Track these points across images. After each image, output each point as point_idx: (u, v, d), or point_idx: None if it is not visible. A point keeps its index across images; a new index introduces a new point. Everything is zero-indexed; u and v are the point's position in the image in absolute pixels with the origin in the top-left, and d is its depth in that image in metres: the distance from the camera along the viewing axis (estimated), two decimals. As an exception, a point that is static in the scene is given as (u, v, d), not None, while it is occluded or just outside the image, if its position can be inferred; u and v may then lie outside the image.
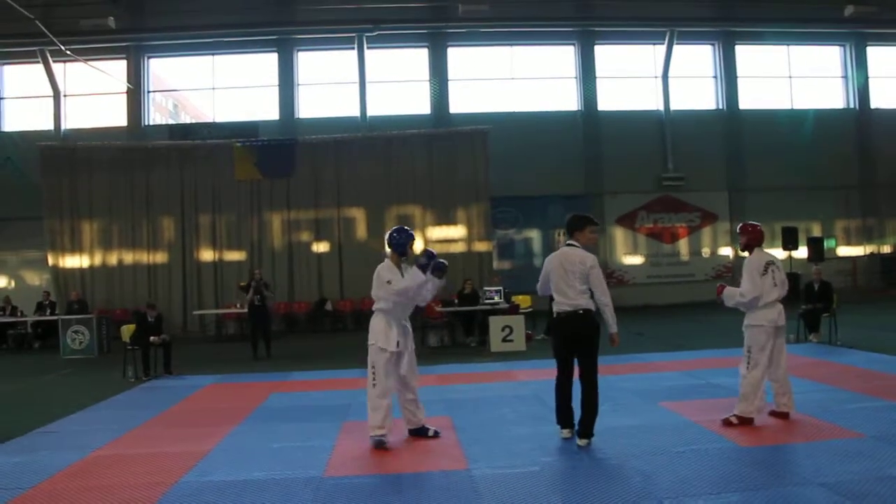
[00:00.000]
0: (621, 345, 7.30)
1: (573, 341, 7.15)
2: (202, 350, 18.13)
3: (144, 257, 22.67)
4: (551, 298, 7.34)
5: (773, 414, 7.91)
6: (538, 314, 17.85)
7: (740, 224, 8.36)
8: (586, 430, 7.01)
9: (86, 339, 17.46)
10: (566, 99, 26.48)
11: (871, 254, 27.23)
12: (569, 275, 7.09)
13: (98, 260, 22.69)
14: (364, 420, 7.61)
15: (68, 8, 22.53)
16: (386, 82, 25.65)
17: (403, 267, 7.62)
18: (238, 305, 19.54)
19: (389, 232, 7.81)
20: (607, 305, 7.13)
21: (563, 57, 26.68)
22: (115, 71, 24.82)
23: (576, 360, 7.20)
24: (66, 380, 13.91)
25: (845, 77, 27.93)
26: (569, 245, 7.31)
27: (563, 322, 7.16)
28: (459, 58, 26.16)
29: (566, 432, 7.35)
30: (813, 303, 14.42)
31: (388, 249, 7.74)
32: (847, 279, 25.74)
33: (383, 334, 7.45)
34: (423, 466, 6.81)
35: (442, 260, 7.78)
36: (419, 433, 7.76)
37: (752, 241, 8.00)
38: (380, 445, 7.36)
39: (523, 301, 17.94)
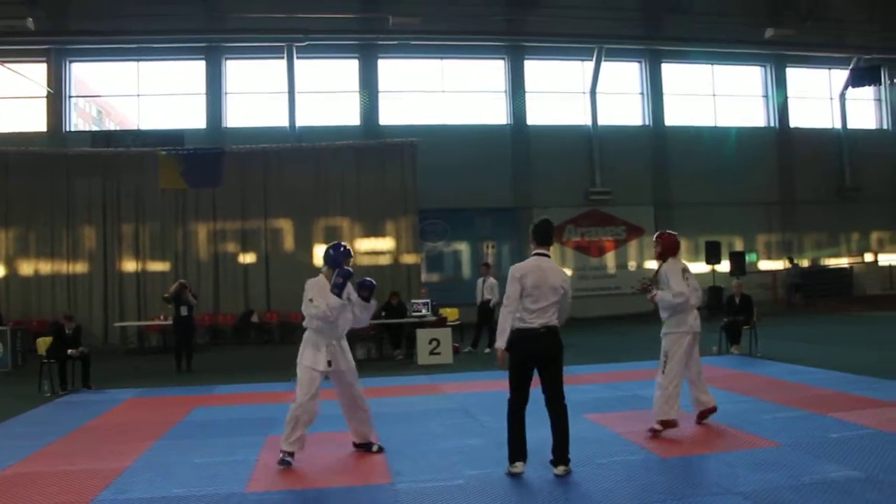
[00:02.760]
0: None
1: (539, 361, 6.60)
2: (123, 363, 17.65)
3: (63, 267, 21.94)
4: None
5: (703, 414, 8.13)
6: (465, 327, 17.94)
7: (657, 233, 8.56)
8: (563, 455, 6.50)
9: (-1, 352, 16.84)
10: (496, 113, 26.69)
11: (791, 268, 28.03)
12: (548, 289, 6.58)
13: (13, 269, 21.90)
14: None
15: (-17, 8, 21.83)
16: (315, 93, 25.48)
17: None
18: (163, 317, 19.13)
19: (327, 247, 7.65)
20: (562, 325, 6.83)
21: (492, 71, 26.90)
22: (34, 74, 24.08)
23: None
24: (-23, 394, 13.39)
25: (766, 96, 28.86)
26: (543, 255, 6.83)
27: (533, 339, 6.54)
28: (390, 70, 26.15)
29: (519, 466, 6.58)
30: (734, 315, 14.79)
31: (324, 266, 7.57)
32: (767, 292, 26.45)
33: (311, 354, 7.35)
34: (346, 481, 6.77)
35: (368, 279, 7.63)
36: (365, 448, 7.66)
37: (667, 250, 8.22)
38: (284, 465, 7.14)
39: (451, 314, 17.98)
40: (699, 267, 25.47)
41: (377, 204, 22.90)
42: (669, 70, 27.85)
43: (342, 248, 7.52)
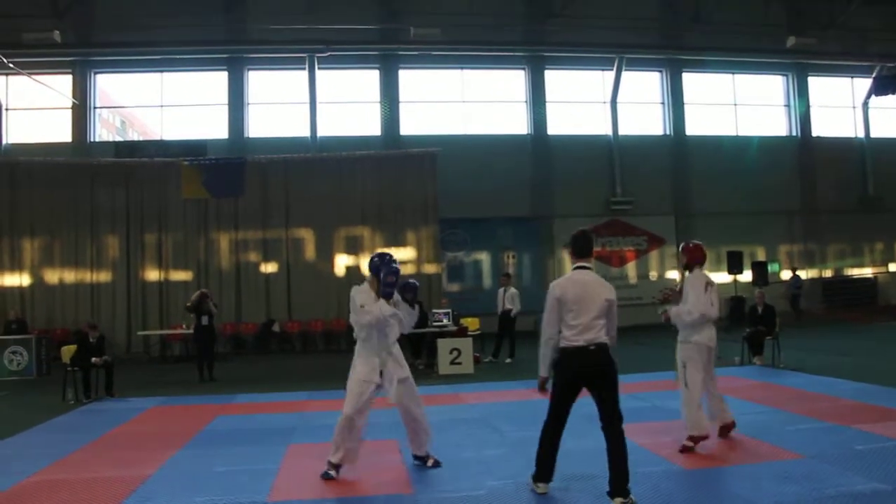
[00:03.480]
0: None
1: (588, 381, 6.16)
2: (146, 372, 17.76)
3: (87, 276, 22.15)
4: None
5: (723, 428, 8.05)
6: (486, 337, 17.90)
7: (682, 244, 8.46)
8: (622, 486, 5.93)
9: (24, 360, 16.98)
10: (516, 122, 26.68)
11: (814, 278, 27.82)
12: (593, 304, 6.14)
13: (38, 278, 22.14)
14: (310, 442, 7.53)
15: (11, 20, 22.07)
16: (337, 103, 25.57)
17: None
18: (185, 326, 19.25)
19: (371, 256, 7.52)
20: (614, 345, 6.31)
21: (513, 81, 26.92)
22: (60, 86, 24.35)
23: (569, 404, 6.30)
24: (2, 402, 13.49)
25: (788, 105, 28.70)
26: (583, 268, 6.37)
27: (580, 358, 6.08)
28: (410, 80, 26.22)
29: (542, 487, 6.34)
30: (756, 326, 14.68)
31: (368, 273, 7.40)
32: (790, 303, 26.20)
33: (363, 366, 7.13)
34: (368, 490, 6.77)
35: (412, 280, 7.54)
36: (421, 461, 7.52)
37: (693, 260, 8.13)
38: (326, 476, 7.04)
39: (472, 324, 17.96)
40: (721, 277, 25.33)
41: (398, 214, 22.99)
42: (690, 79, 27.77)
43: (387, 257, 7.35)
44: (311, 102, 24.52)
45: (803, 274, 27.36)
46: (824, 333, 20.99)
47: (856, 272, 28.48)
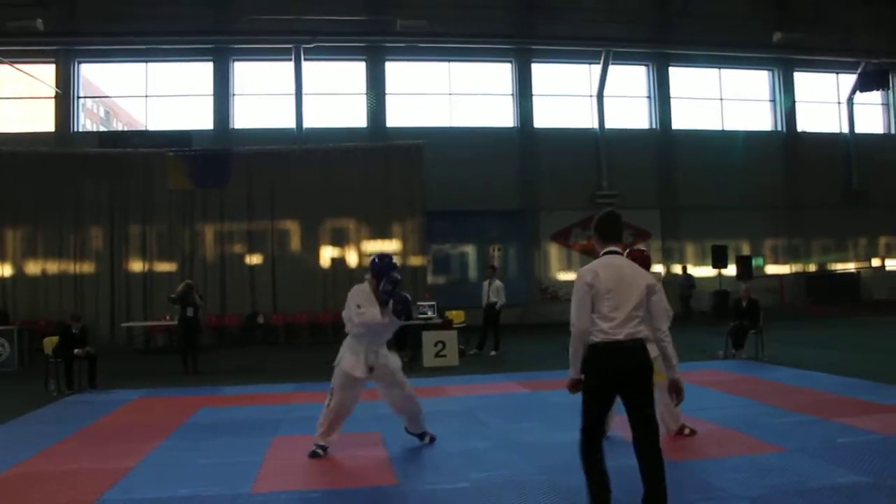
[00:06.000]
0: (554, 360, 7.16)
1: (624, 384, 5.27)
2: (129, 363, 17.63)
3: (71, 267, 21.98)
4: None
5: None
6: (471, 329, 17.90)
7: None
8: None
9: (5, 352, 16.81)
10: (503, 115, 26.70)
11: (797, 272, 27.97)
12: (630, 293, 5.25)
13: (21, 269, 21.95)
14: (294, 434, 7.50)
15: (-7, 8, 21.90)
16: (323, 95, 25.51)
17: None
18: (168, 318, 19.14)
19: (372, 257, 7.78)
20: (668, 341, 5.44)
21: (500, 74, 26.92)
22: (43, 75, 24.14)
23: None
24: (-16, 393, 13.40)
25: (773, 101, 28.81)
26: (613, 253, 5.46)
27: (617, 355, 5.18)
28: (397, 72, 26.18)
29: None
30: (741, 320, 14.74)
31: (367, 274, 7.56)
32: (774, 297, 26.34)
33: (350, 359, 7.39)
34: (352, 482, 6.75)
35: (405, 294, 7.66)
36: (419, 437, 7.94)
37: (647, 266, 8.06)
38: (314, 455, 7.38)
39: (457, 316, 17.94)
40: (706, 271, 25.47)
41: (384, 206, 22.92)
42: (677, 74, 27.85)
43: (388, 259, 7.57)
44: (297, 94, 24.45)
45: (787, 269, 27.51)
46: (807, 328, 21.09)
47: (839, 267, 28.65)
